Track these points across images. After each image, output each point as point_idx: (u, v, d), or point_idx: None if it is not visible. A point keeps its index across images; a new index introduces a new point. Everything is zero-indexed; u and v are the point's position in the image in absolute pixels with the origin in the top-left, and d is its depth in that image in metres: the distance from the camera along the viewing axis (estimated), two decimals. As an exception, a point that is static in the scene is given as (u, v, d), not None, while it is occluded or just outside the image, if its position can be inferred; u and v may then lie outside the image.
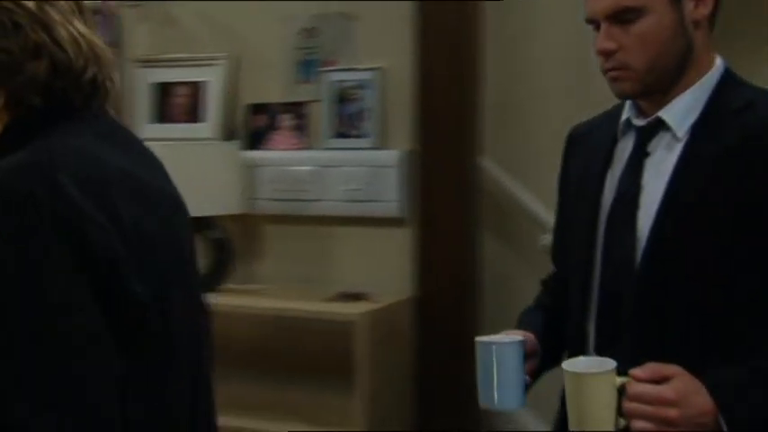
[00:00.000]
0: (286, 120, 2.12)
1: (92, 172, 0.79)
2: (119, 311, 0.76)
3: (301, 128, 2.11)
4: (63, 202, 0.73)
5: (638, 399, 0.97)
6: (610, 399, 0.97)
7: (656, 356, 1.03)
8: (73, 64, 0.82)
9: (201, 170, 1.93)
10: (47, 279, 0.72)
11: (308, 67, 2.13)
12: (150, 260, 0.81)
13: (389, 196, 2.00)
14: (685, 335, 1.08)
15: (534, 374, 1.17)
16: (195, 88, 2.17)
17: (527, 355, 1.12)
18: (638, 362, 1.03)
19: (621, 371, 0.99)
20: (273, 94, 2.13)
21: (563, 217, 1.27)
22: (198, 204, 1.91)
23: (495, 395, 1.05)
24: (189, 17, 2.18)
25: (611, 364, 0.98)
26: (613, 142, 1.17)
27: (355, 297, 1.94)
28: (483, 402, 1.08)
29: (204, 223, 1.97)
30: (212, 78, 2.15)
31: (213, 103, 2.14)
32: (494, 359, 1.05)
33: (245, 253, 2.12)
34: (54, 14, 0.82)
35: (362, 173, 2.02)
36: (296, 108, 2.12)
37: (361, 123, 2.06)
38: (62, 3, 0.84)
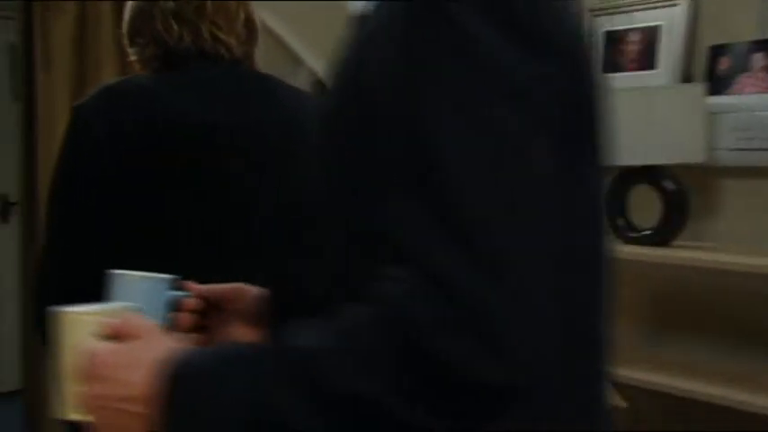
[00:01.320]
0: (757, 60, 1.88)
1: (118, 96, 1.19)
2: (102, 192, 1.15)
3: (774, 68, 1.85)
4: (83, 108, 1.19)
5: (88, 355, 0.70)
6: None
7: None
8: (169, 43, 1.22)
9: (659, 116, 1.82)
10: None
11: (784, -2, 1.86)
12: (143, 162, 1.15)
13: None
14: None
15: None
16: (648, 33, 2.05)
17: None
18: None
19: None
20: (743, 32, 1.91)
21: None
22: (652, 152, 1.82)
23: None
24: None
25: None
26: None
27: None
28: None
29: (658, 172, 1.87)
30: (668, 21, 2.01)
31: (668, 48, 2.01)
32: (124, 294, 0.83)
33: (699, 208, 1.96)
34: (157, 13, 1.22)
35: None
36: (768, 46, 1.87)
37: None
38: (162, 3, 1.22)
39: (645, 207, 1.93)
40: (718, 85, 1.93)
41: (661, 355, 2.04)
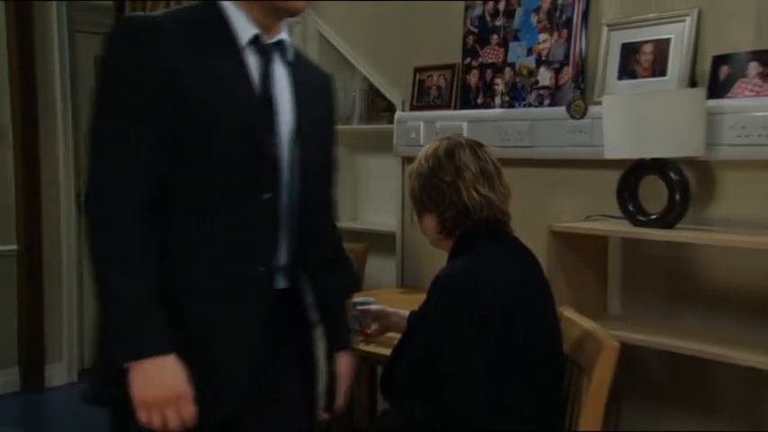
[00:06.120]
0: (753, 68, 2.16)
1: (491, 277, 1.58)
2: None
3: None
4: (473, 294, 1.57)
5: None
6: None
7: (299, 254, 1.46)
8: (467, 211, 1.65)
9: (666, 117, 2.08)
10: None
11: (779, 14, 2.13)
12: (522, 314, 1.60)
13: None
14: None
15: None
16: (660, 45, 2.34)
17: None
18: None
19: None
20: (741, 44, 2.19)
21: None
22: (660, 146, 2.10)
23: None
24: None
25: None
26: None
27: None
28: None
29: (664, 164, 2.16)
30: (677, 34, 2.30)
31: (677, 58, 2.29)
32: None
33: (700, 196, 2.24)
34: (460, 184, 1.66)
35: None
36: (764, 55, 2.14)
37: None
38: (468, 174, 1.67)
39: (653, 195, 2.21)
40: (719, 89, 2.21)
41: (671, 320, 2.32)
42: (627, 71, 2.41)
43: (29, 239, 3.90)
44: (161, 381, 1.24)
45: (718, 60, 2.23)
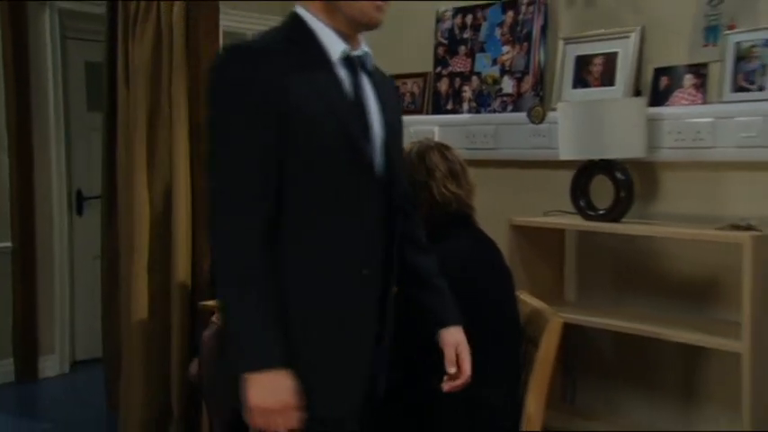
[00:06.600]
0: (688, 79, 2.42)
1: (459, 261, 1.78)
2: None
3: (701, 86, 2.40)
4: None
5: None
6: None
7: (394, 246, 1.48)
8: (439, 205, 1.86)
9: (612, 122, 2.34)
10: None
11: (711, 31, 2.40)
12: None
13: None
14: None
15: None
16: (609, 58, 2.60)
17: None
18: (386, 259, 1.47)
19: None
20: (678, 58, 2.46)
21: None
22: (607, 148, 2.36)
23: None
24: (606, -1, 2.62)
25: None
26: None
27: (746, 228, 2.13)
28: None
29: (611, 165, 2.42)
30: (623, 49, 2.57)
31: (623, 70, 2.56)
32: None
33: (644, 194, 2.50)
34: (432, 183, 1.87)
35: (758, 122, 2.23)
36: (697, 68, 2.41)
37: (762, 78, 2.27)
38: (439, 173, 1.89)
39: (603, 192, 2.46)
40: (659, 98, 2.47)
41: (620, 305, 2.58)
42: (580, 81, 2.67)
43: (23, 237, 4.05)
44: (273, 392, 1.35)
45: (659, 72, 2.49)
